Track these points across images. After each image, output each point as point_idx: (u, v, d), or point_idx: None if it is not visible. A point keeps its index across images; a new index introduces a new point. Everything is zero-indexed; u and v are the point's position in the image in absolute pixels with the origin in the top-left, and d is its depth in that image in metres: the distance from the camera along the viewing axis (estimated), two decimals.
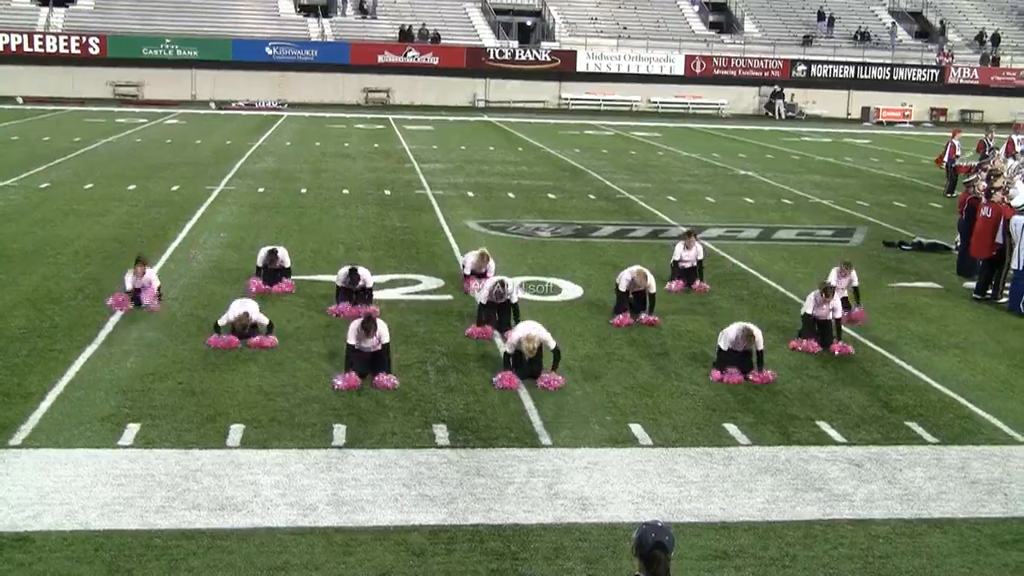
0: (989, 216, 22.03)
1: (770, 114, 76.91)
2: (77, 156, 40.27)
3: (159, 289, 18.94)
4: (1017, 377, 16.80)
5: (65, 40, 68.73)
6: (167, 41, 70.12)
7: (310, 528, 10.82)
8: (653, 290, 18.95)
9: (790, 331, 18.62)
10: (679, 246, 21.54)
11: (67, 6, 72.86)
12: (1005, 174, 27.74)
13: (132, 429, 13.19)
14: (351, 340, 15.21)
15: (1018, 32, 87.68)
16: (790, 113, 76.67)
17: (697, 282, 21.31)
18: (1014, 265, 21.02)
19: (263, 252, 20.25)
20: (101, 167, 37.21)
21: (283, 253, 20.28)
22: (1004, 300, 21.37)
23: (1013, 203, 23.91)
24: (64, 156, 39.82)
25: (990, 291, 21.84)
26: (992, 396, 15.76)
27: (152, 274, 18.97)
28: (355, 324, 15.34)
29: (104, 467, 12.07)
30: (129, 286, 18.72)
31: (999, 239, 21.66)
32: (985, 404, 15.33)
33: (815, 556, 10.64)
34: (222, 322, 16.82)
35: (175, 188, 32.63)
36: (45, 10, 71.96)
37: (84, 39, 68.73)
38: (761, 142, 56.45)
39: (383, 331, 15.24)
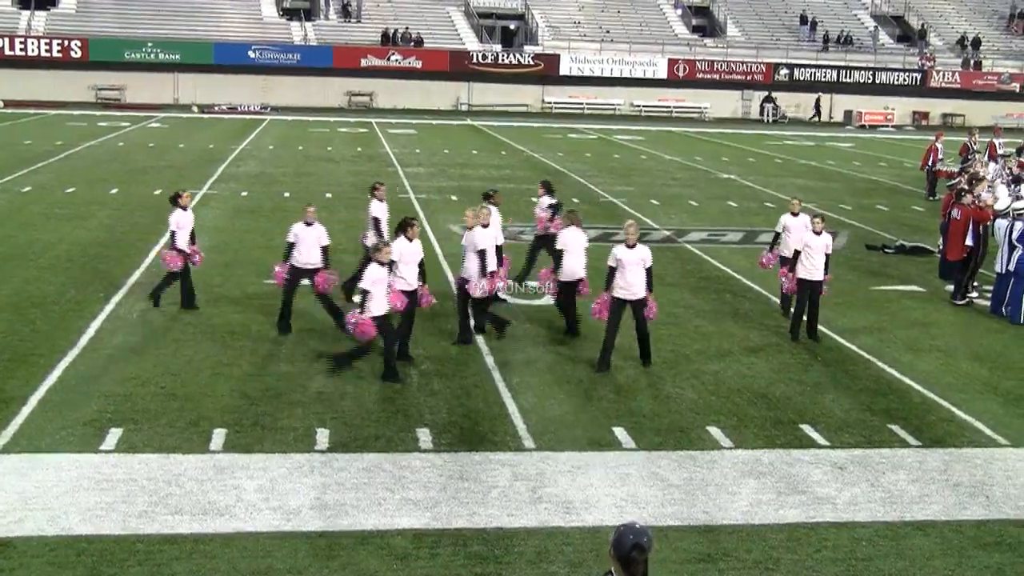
0: (959, 218, 22.10)
1: (763, 118, 76.83)
2: (59, 160, 40.14)
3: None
4: (999, 380, 16.86)
5: (47, 43, 68.50)
6: (149, 45, 69.93)
7: (293, 532, 10.80)
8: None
9: (774, 337, 18.70)
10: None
11: (48, 9, 72.60)
12: (988, 177, 27.80)
13: (114, 434, 13.15)
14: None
15: (999, 36, 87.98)
16: (779, 119, 76.71)
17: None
18: (997, 268, 21.10)
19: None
20: (83, 171, 37.11)
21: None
22: (986, 302, 21.45)
23: (996, 207, 24.00)
24: (46, 160, 39.68)
25: (974, 293, 21.88)
26: (974, 399, 15.81)
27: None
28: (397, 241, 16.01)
29: (86, 472, 12.04)
30: (174, 225, 18.79)
31: (969, 241, 21.71)
32: (967, 407, 15.39)
33: (799, 559, 10.66)
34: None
35: (157, 192, 32.50)
36: (27, 13, 71.72)
37: (66, 42, 68.53)
38: (743, 145, 56.55)
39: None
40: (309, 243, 17.65)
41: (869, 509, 11.91)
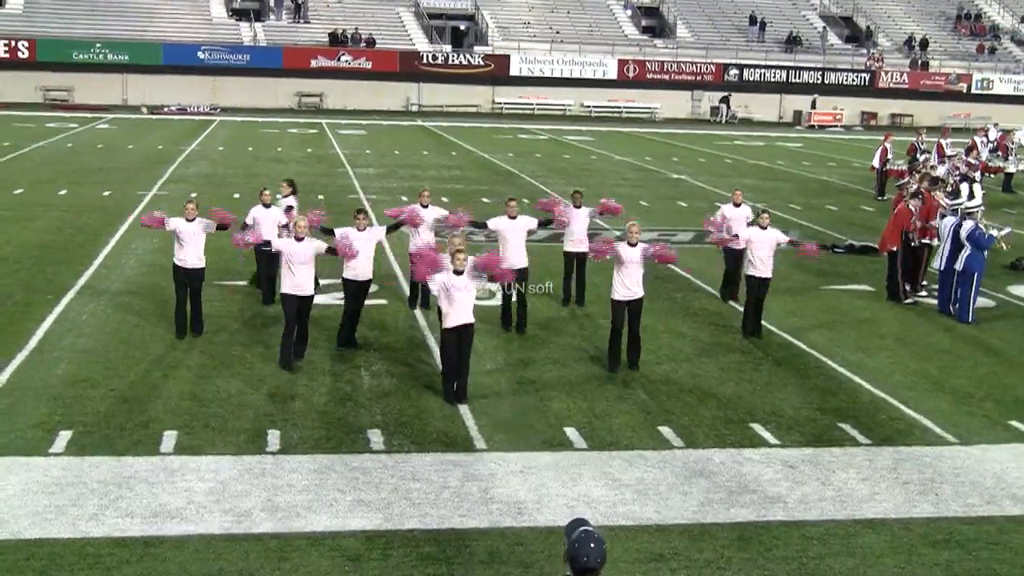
0: (896, 215, 22.24)
1: (716, 119, 76.92)
2: (6, 161, 39.72)
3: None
4: (947, 378, 17.02)
5: None
6: (98, 45, 69.27)
7: (245, 535, 10.76)
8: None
9: (724, 336, 18.80)
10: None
11: None
12: (941, 177, 27.94)
13: (64, 436, 13.05)
14: None
15: (946, 37, 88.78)
16: (730, 119, 76.90)
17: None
18: (936, 265, 21.30)
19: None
20: (31, 172, 36.74)
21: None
22: (934, 301, 21.61)
23: (943, 203, 24.17)
24: None
25: (922, 292, 22.05)
26: (923, 397, 15.94)
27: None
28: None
29: (35, 475, 11.93)
30: (249, 219, 19.19)
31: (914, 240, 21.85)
32: (916, 405, 15.52)
33: (749, 558, 10.71)
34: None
35: (106, 193, 32.29)
36: None
37: (13, 43, 67.77)
38: (694, 145, 56.75)
39: None
40: (193, 241, 17.80)
41: (820, 508, 11.99)
